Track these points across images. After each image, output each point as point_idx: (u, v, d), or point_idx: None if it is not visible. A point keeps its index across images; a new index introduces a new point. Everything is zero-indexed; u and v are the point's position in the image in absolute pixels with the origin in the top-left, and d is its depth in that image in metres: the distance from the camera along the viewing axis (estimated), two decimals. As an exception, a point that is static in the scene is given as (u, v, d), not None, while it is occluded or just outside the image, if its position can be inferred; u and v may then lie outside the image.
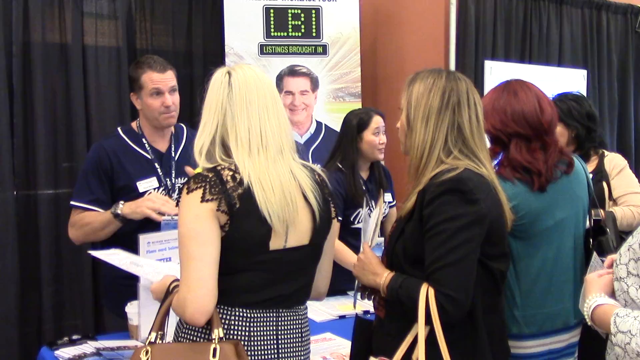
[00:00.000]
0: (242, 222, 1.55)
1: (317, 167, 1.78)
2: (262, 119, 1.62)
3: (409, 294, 1.64)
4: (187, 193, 1.55)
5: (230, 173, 1.57)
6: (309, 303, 1.81)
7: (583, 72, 4.78)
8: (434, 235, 1.63)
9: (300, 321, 1.70)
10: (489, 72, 4.27)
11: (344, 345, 2.22)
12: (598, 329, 1.59)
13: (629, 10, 5.11)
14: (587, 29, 4.92)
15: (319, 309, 2.65)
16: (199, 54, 4.15)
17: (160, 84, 2.52)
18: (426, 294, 1.60)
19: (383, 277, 1.72)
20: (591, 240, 2.17)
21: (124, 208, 2.40)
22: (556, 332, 2.07)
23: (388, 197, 3.19)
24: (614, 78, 5.07)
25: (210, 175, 1.56)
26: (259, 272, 1.60)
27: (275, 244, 1.60)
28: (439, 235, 1.61)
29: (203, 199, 1.52)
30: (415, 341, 1.62)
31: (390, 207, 3.23)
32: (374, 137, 2.97)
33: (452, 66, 4.22)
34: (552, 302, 2.05)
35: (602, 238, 2.15)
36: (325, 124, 4.35)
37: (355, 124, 2.98)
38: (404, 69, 4.54)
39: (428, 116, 1.73)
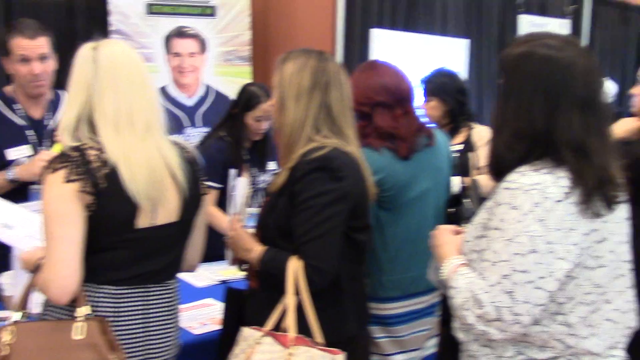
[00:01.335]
0: (108, 202, 1.56)
1: (188, 144, 1.81)
2: (130, 96, 1.61)
3: (279, 267, 1.74)
4: (52, 172, 1.54)
5: (96, 152, 1.57)
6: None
7: (465, 42, 5.00)
8: (302, 210, 1.73)
9: (170, 295, 1.76)
10: (376, 40, 4.39)
11: (224, 311, 2.30)
12: None
13: (509, -17, 5.37)
14: (470, 1, 5.13)
15: (201, 274, 2.70)
16: (82, 8, 4.00)
17: (28, 50, 2.42)
18: (294, 265, 1.71)
19: (255, 252, 1.81)
20: (453, 209, 2.35)
21: (20, 172, 2.36)
22: (419, 294, 2.25)
23: (274, 165, 3.26)
24: (493, 48, 5.34)
25: (75, 155, 1.55)
26: (126, 250, 1.63)
27: (143, 222, 1.62)
28: (307, 211, 1.72)
29: (67, 179, 1.52)
30: (285, 310, 1.73)
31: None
32: (255, 123, 2.98)
33: (340, 34, 4.31)
34: (416, 267, 2.21)
35: (456, 207, 2.33)
36: (214, 87, 4.34)
37: (243, 101, 2.99)
38: (294, 34, 4.58)
39: (299, 95, 1.80)
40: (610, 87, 4.47)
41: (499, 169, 1.48)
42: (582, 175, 1.39)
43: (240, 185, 1.99)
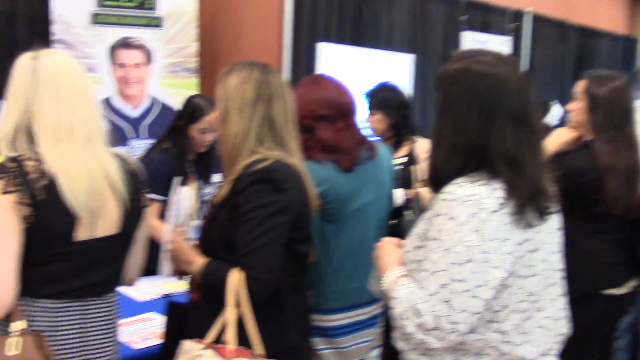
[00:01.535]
0: (47, 214, 1.54)
1: (130, 156, 1.80)
2: (71, 106, 1.59)
3: (221, 278, 1.73)
4: None
5: (34, 163, 1.54)
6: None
7: (411, 57, 5.10)
8: (244, 222, 1.73)
9: (109, 309, 1.73)
10: (322, 54, 4.43)
11: (166, 325, 2.28)
12: None
13: (452, 1, 5.50)
14: (415, 16, 5.23)
15: (144, 288, 2.67)
16: (23, 17, 3.91)
17: None
18: (235, 277, 1.70)
19: (196, 264, 1.80)
20: (395, 222, 2.39)
21: None
22: (361, 306, 2.27)
23: (218, 177, 3.25)
24: (438, 64, 5.45)
25: (12, 166, 1.53)
26: (64, 263, 1.60)
27: (82, 234, 1.60)
28: (249, 222, 1.72)
29: (3, 191, 1.49)
30: (226, 323, 1.72)
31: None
32: (200, 135, 2.97)
33: (287, 47, 4.34)
34: (359, 278, 2.23)
35: (398, 219, 2.38)
36: (160, 99, 4.30)
37: (188, 113, 2.98)
38: (242, 47, 4.59)
39: (242, 107, 1.81)
40: (556, 111, 4.63)
41: (437, 181, 1.52)
42: (515, 186, 1.43)
43: (183, 195, 1.97)
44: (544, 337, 1.53)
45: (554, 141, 2.63)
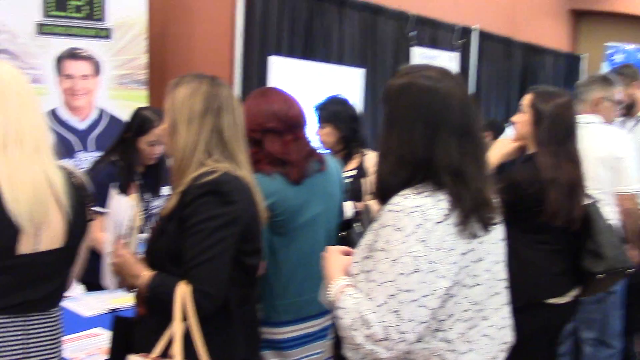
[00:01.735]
0: None
1: (76, 169, 1.77)
2: (20, 115, 1.57)
3: (167, 291, 1.71)
4: None
5: None
6: (80, 297, 1.80)
7: (361, 71, 5.15)
8: (192, 234, 1.71)
9: (53, 325, 1.69)
10: (274, 67, 4.45)
11: (112, 340, 2.23)
12: None
13: (401, 17, 5.60)
14: (365, 31, 5.30)
15: (90, 303, 2.62)
16: (-35, 27, 3.81)
17: None
18: (182, 291, 1.69)
19: (142, 277, 1.77)
20: (345, 234, 2.40)
21: None
22: (312, 318, 2.27)
23: (168, 190, 3.21)
24: (387, 78, 5.51)
25: None
26: (6, 277, 1.56)
27: (25, 247, 1.56)
28: (197, 235, 1.71)
29: None
30: (173, 337, 1.70)
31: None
32: (148, 147, 2.94)
33: (238, 59, 4.34)
34: (309, 290, 2.23)
35: (347, 231, 2.39)
36: (108, 111, 4.24)
37: (136, 125, 2.94)
38: (193, 59, 4.57)
39: (191, 120, 1.80)
40: (509, 132, 4.76)
41: (384, 193, 1.54)
42: (459, 198, 1.47)
43: (122, 206, 1.92)
44: (489, 346, 1.56)
45: (497, 153, 2.69)
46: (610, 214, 3.03)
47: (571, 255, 2.65)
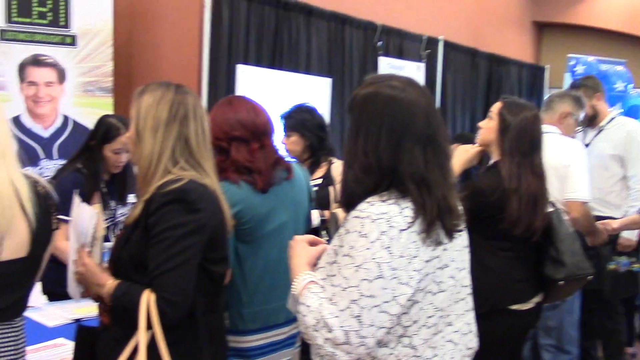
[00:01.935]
0: None
1: (41, 178, 1.74)
2: None
3: (132, 300, 1.69)
4: None
5: None
6: (43, 307, 1.76)
7: (328, 81, 5.17)
8: (157, 242, 1.70)
9: (16, 335, 1.66)
10: (241, 76, 4.44)
11: (76, 350, 2.20)
12: None
13: (369, 27, 5.64)
14: (332, 40, 5.33)
15: (54, 313, 2.58)
16: None
17: None
18: (147, 299, 1.67)
19: (106, 286, 1.76)
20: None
21: None
22: (279, 326, 2.27)
23: (134, 198, 3.18)
24: (355, 87, 5.53)
25: None
26: None
27: None
28: (162, 243, 1.70)
29: None
30: (137, 346, 1.69)
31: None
32: (114, 155, 2.91)
33: (206, 68, 4.32)
34: (276, 298, 2.24)
35: None
36: (73, 118, 4.19)
37: (101, 132, 2.91)
38: (159, 67, 4.55)
39: (156, 127, 1.80)
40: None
41: (350, 200, 1.56)
42: (424, 206, 1.49)
43: (85, 214, 1.88)
44: (453, 352, 1.58)
45: (458, 160, 2.73)
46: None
47: (534, 262, 2.70)
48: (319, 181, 3.13)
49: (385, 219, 1.44)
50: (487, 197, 2.51)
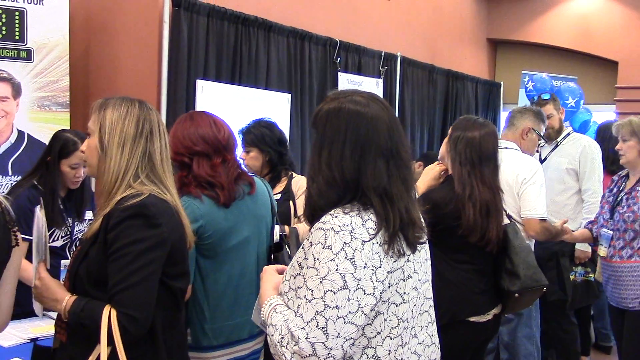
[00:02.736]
0: None
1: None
2: None
3: (92, 317, 1.67)
4: None
5: None
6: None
7: (287, 96, 5.19)
8: (117, 258, 1.69)
9: None
10: (201, 91, 4.43)
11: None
12: None
13: (328, 43, 5.68)
14: (292, 56, 5.35)
15: (9, 333, 2.51)
16: None
17: None
18: (108, 315, 1.65)
19: (64, 302, 1.73)
20: (272, 256, 2.41)
21: None
22: (242, 341, 2.27)
23: (90, 215, 3.13)
24: (314, 102, 5.57)
25: None
26: None
27: None
28: (122, 258, 1.68)
29: None
30: (98, 363, 1.66)
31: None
32: (71, 170, 2.86)
33: (164, 83, 4.29)
34: (239, 314, 2.23)
35: (277, 254, 2.41)
36: (28, 134, 4.11)
37: (58, 148, 2.86)
38: (118, 81, 4.49)
39: (124, 143, 1.79)
40: None
41: (314, 213, 1.57)
42: (386, 217, 1.51)
43: (42, 226, 1.84)
44: (416, 363, 1.60)
45: (424, 179, 2.80)
46: None
47: (491, 275, 2.75)
48: (279, 196, 3.12)
49: (349, 230, 1.46)
50: (442, 208, 2.57)
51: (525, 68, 8.08)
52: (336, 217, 1.49)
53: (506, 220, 2.78)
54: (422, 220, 1.66)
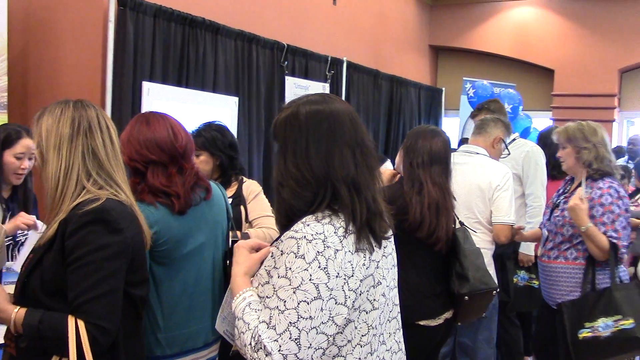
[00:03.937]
0: None
1: None
2: None
3: (54, 328, 1.60)
4: None
5: None
6: None
7: (235, 99, 5.14)
8: (79, 266, 1.62)
9: None
10: (147, 93, 4.33)
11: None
12: None
13: (275, 46, 5.66)
14: (239, 59, 5.30)
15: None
16: None
17: None
18: (75, 326, 1.59)
19: (12, 313, 1.65)
20: (228, 262, 2.36)
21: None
22: (197, 350, 2.20)
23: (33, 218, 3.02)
24: (261, 106, 5.55)
25: None
26: None
27: None
28: (86, 267, 1.62)
29: None
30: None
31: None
32: (15, 160, 2.77)
33: (109, 85, 4.18)
34: (194, 322, 2.17)
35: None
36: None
37: (1, 139, 2.75)
38: (59, 82, 4.34)
39: (60, 145, 1.73)
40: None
41: (291, 217, 1.54)
42: (353, 209, 1.50)
43: None
44: (385, 370, 1.60)
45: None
46: (482, 242, 3.25)
47: (443, 280, 2.79)
48: (230, 200, 3.07)
49: (321, 239, 1.45)
50: (391, 204, 2.61)
51: (465, 75, 8.27)
52: (308, 225, 1.47)
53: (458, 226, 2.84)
54: (388, 212, 1.65)
